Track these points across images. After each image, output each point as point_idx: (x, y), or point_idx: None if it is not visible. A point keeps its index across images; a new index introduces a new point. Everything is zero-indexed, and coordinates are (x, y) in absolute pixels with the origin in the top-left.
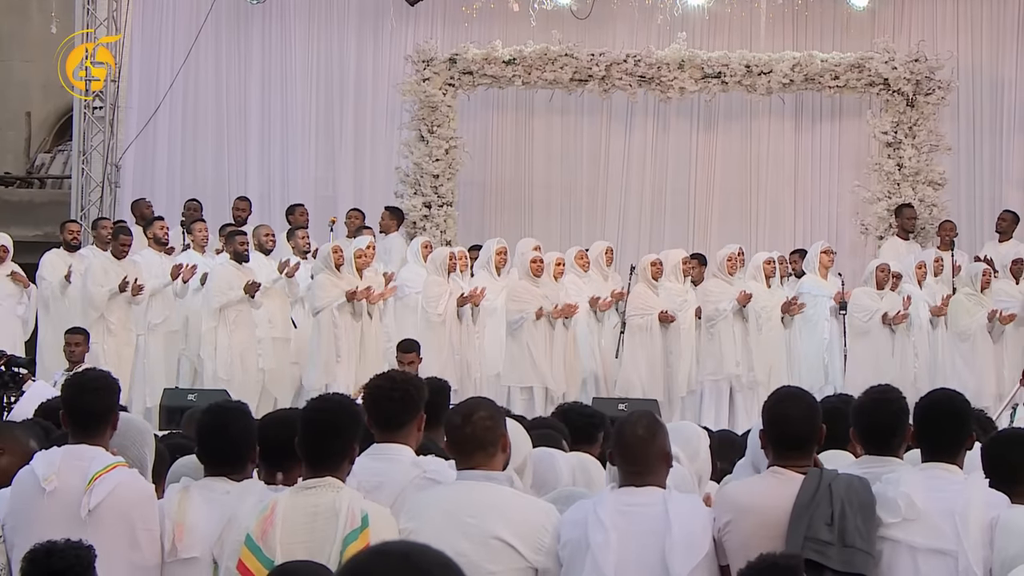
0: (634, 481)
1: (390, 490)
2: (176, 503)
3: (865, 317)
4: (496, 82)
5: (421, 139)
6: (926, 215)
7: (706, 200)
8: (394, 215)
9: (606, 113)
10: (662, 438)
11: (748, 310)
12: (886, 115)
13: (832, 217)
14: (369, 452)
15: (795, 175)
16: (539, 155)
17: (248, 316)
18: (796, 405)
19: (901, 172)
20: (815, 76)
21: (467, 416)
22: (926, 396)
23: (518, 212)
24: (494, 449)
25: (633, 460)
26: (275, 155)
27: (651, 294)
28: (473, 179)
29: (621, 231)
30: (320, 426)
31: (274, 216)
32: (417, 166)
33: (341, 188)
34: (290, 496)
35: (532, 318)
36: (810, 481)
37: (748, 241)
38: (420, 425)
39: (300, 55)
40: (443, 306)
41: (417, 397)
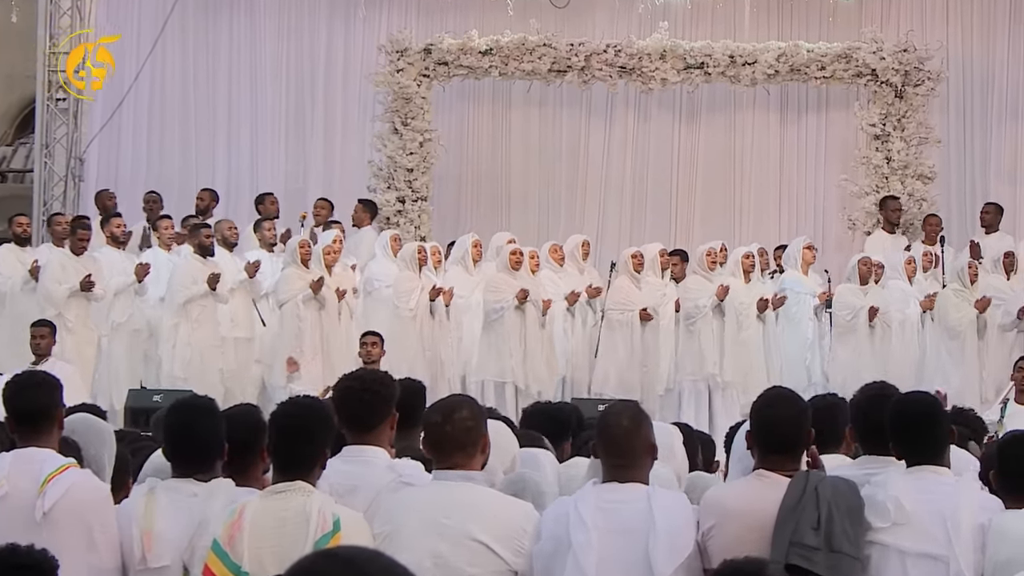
0: (617, 475)
1: (364, 494)
2: (142, 508)
3: (848, 315)
4: (472, 73)
5: (395, 132)
6: (915, 209)
7: (688, 195)
8: (367, 208)
9: (585, 105)
10: (647, 430)
11: (726, 306)
12: (874, 107)
13: (818, 212)
14: (342, 455)
15: (780, 169)
16: (516, 148)
17: (212, 313)
18: (785, 407)
19: (889, 165)
20: (801, 67)
21: (448, 414)
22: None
23: (495, 207)
24: (473, 450)
25: (618, 452)
26: (244, 148)
27: (633, 288)
28: (448, 173)
29: (601, 227)
30: (291, 430)
31: (242, 211)
32: (390, 160)
33: (311, 182)
34: (259, 500)
35: (513, 305)
36: (796, 484)
37: (732, 237)
38: (392, 424)
39: (270, 44)
40: (414, 301)
41: (388, 396)
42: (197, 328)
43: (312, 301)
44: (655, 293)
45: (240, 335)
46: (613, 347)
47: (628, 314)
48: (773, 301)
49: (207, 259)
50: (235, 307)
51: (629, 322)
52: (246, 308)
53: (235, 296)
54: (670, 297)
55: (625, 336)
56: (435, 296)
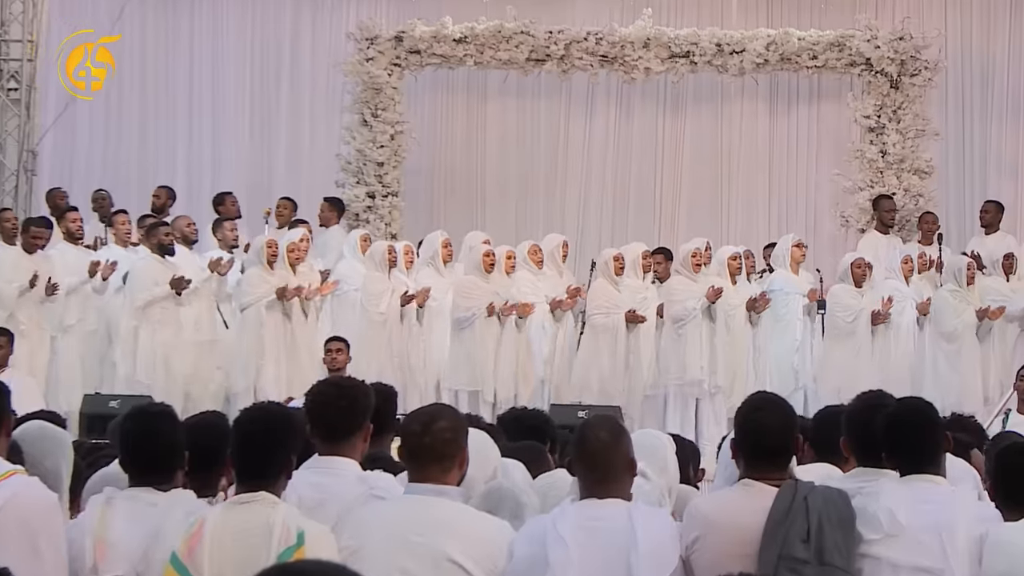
0: (596, 492)
1: (333, 507)
2: (97, 517)
3: (849, 316)
4: (446, 62)
5: (364, 124)
6: (911, 206)
7: (673, 190)
8: (334, 206)
9: (565, 96)
10: (626, 444)
11: (716, 309)
12: (868, 98)
13: (810, 208)
14: (310, 465)
15: (770, 163)
16: (492, 142)
17: (174, 316)
18: (772, 414)
19: (885, 160)
20: (791, 55)
21: (427, 424)
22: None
23: (469, 203)
24: (450, 464)
25: (595, 467)
26: (205, 142)
27: (614, 291)
28: (420, 167)
29: (581, 224)
30: (255, 437)
31: (203, 208)
32: (360, 153)
33: (276, 177)
34: (220, 512)
35: (483, 314)
36: (784, 494)
37: (718, 235)
38: (367, 436)
39: (232, 32)
40: (385, 304)
41: (365, 405)
42: (158, 331)
43: (276, 304)
44: (635, 296)
45: (203, 338)
46: (595, 352)
47: (612, 317)
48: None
49: (166, 259)
50: (198, 309)
51: (613, 326)
52: (209, 310)
53: (198, 298)
54: (652, 299)
55: (608, 341)
56: (407, 302)
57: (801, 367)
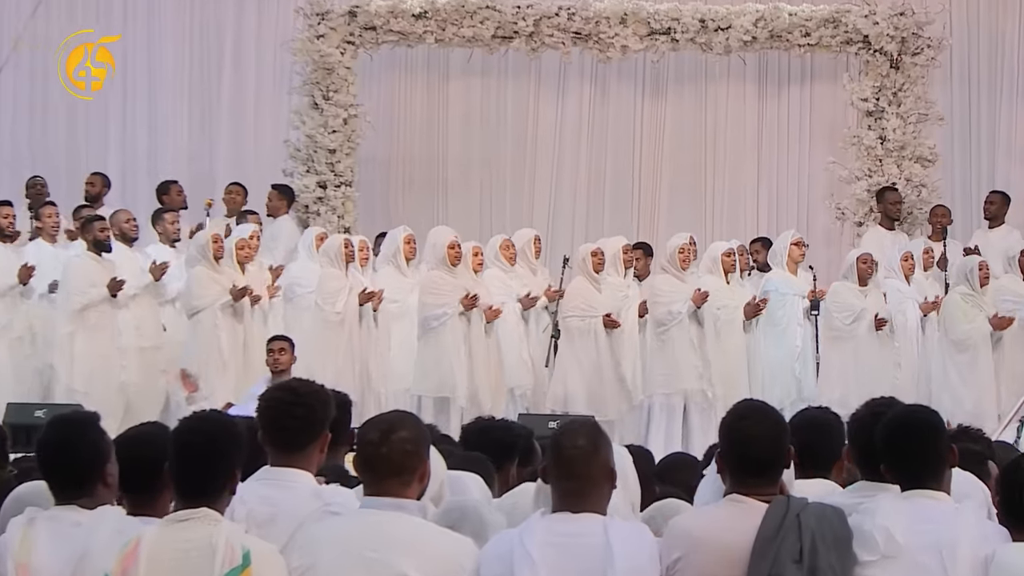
0: (570, 504)
1: (285, 524)
2: (19, 540)
3: (848, 318)
4: (404, 39)
5: (315, 107)
6: (913, 197)
7: (653, 180)
8: (283, 194)
9: (534, 77)
10: (606, 452)
11: (703, 312)
12: (866, 79)
13: (802, 200)
14: (260, 477)
15: (758, 151)
16: (455, 127)
17: (111, 320)
18: (759, 423)
19: (884, 146)
20: (782, 32)
21: (386, 433)
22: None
23: (430, 194)
24: (410, 477)
25: (570, 476)
26: (140, 127)
27: (592, 290)
28: (376, 155)
29: (552, 217)
30: (196, 449)
31: (139, 199)
32: (310, 139)
33: (219, 165)
34: (158, 530)
35: (457, 311)
36: (775, 511)
37: (703, 229)
38: (323, 447)
39: (169, 7)
40: (341, 303)
41: (323, 414)
42: (95, 337)
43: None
44: (615, 294)
45: (145, 344)
46: (572, 358)
47: (590, 320)
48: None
49: (103, 256)
50: (139, 313)
51: (591, 329)
52: (151, 314)
53: (138, 300)
54: (633, 299)
55: (587, 346)
56: (364, 301)
57: (803, 374)
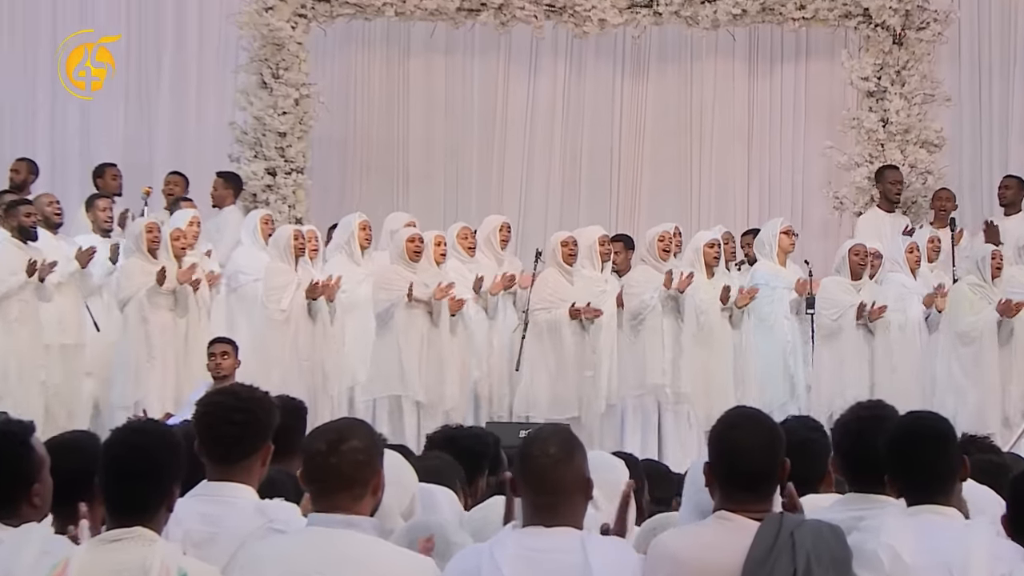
0: (543, 518)
1: (227, 544)
2: None
3: (834, 314)
4: (361, 12)
5: (263, 86)
6: (919, 184)
7: (634, 167)
8: (229, 183)
9: (504, 53)
10: (580, 460)
11: (683, 301)
12: (867, 56)
13: (797, 188)
14: (198, 493)
15: (749, 134)
16: (417, 108)
17: (33, 314)
18: (751, 433)
19: (886, 130)
20: (774, 5)
21: (335, 443)
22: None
23: (389, 181)
24: (362, 490)
25: (542, 488)
26: (71, 109)
27: (564, 282)
28: (331, 137)
29: (523, 207)
30: (129, 463)
31: (70, 187)
32: (258, 121)
33: (158, 150)
34: (88, 551)
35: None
36: (767, 529)
37: (688, 219)
38: (266, 459)
39: None
40: (288, 300)
41: (265, 421)
42: (14, 333)
43: (160, 298)
44: (592, 289)
45: (68, 341)
46: (541, 356)
47: (554, 312)
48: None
49: (28, 244)
50: (62, 306)
51: (556, 323)
52: (75, 307)
53: (62, 292)
54: (611, 293)
55: (557, 342)
56: (314, 295)
57: (797, 372)
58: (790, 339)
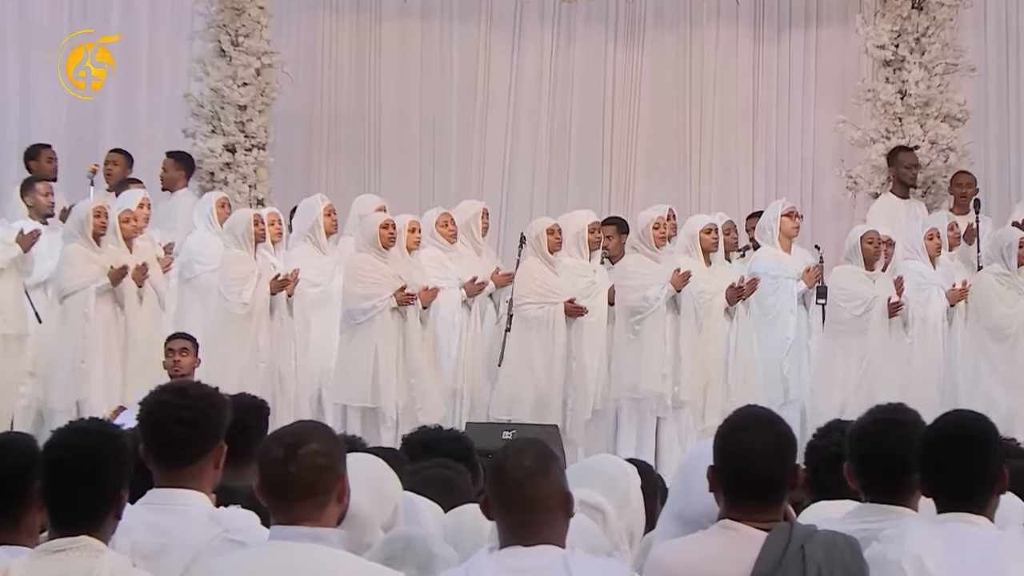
0: (521, 536)
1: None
2: None
3: (858, 307)
4: None
5: (221, 55)
6: (939, 163)
7: (627, 144)
8: (181, 164)
9: (485, 18)
10: (558, 474)
11: (682, 298)
12: (883, 22)
13: (807, 167)
14: (147, 501)
15: (754, 108)
16: (390, 78)
17: None
18: (761, 435)
19: (904, 102)
20: None
21: (292, 449)
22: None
23: (360, 160)
24: (326, 498)
25: (516, 505)
26: (11, 81)
27: (549, 273)
28: (296, 112)
29: (506, 188)
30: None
31: (7, 168)
32: (215, 93)
33: (105, 126)
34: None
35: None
36: (776, 540)
37: (687, 202)
38: (218, 461)
39: None
40: (249, 292)
41: (216, 420)
42: None
43: (108, 293)
44: (578, 280)
45: (9, 331)
46: (525, 354)
47: (548, 308)
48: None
49: None
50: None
51: (549, 319)
52: (15, 296)
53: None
54: (602, 284)
55: (543, 338)
56: (276, 289)
57: (793, 375)
58: (790, 336)
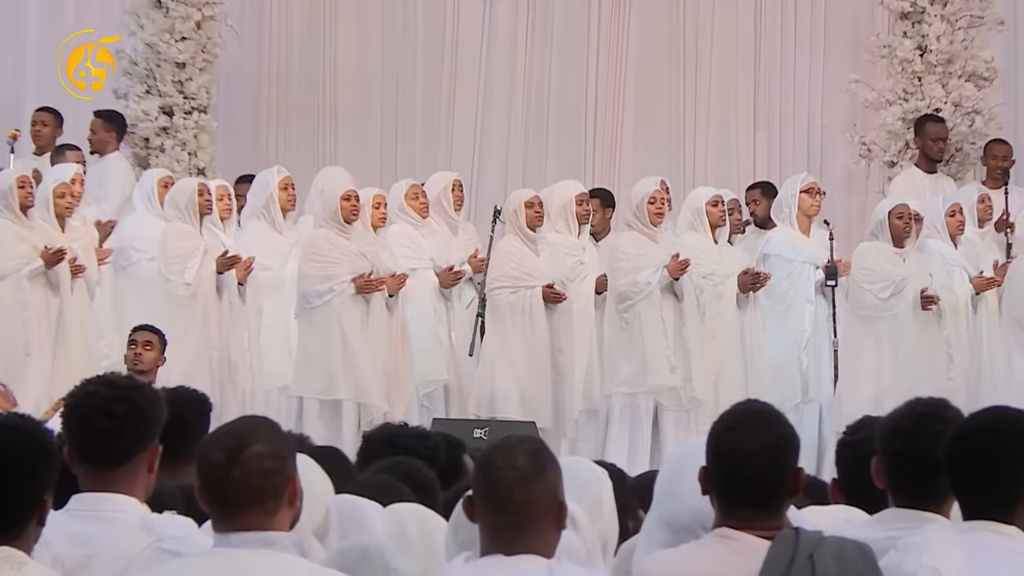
0: (505, 544)
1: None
2: None
3: (885, 290)
4: None
5: (157, 6)
6: (964, 128)
7: (614, 106)
8: (111, 124)
9: None
10: (553, 478)
11: (682, 284)
12: None
13: (814, 132)
14: (71, 507)
15: (755, 67)
16: (347, 34)
17: None
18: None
19: (924, 60)
20: None
21: (234, 452)
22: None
23: (314, 126)
24: (276, 504)
25: (504, 506)
26: None
27: (527, 252)
28: (242, 71)
29: (478, 157)
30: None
31: None
32: (151, 48)
33: (27, 87)
34: None
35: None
36: (780, 550)
37: (680, 173)
38: (152, 463)
39: None
40: (193, 272)
41: (150, 417)
42: None
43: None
44: (564, 260)
45: None
46: (501, 345)
47: (523, 293)
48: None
49: None
50: None
51: (525, 305)
52: None
53: None
54: (590, 265)
55: (522, 327)
56: (226, 266)
57: (812, 370)
58: (808, 328)
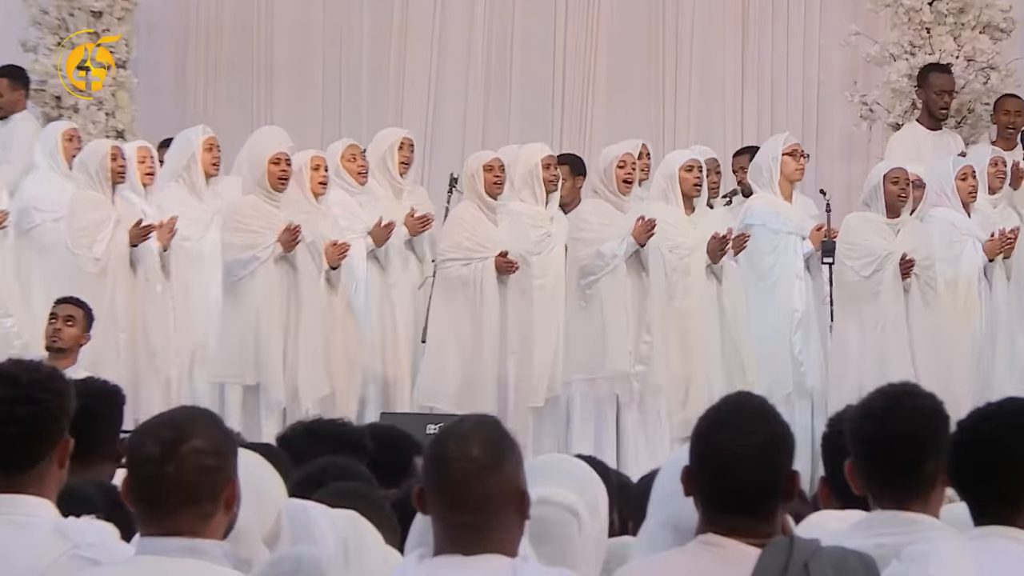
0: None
1: None
2: None
3: (866, 266)
4: None
5: None
6: (978, 85)
7: (585, 61)
8: (16, 82)
9: None
10: (513, 466)
11: (648, 254)
12: None
13: (810, 90)
14: None
15: (743, 19)
16: None
17: None
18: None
19: (934, 9)
20: None
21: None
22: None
23: (247, 82)
24: (212, 506)
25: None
26: None
27: (484, 221)
28: (164, 21)
29: (431, 117)
30: None
31: None
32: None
33: None
34: None
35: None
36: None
37: (659, 136)
38: (63, 459)
39: None
40: (103, 245)
41: (58, 413)
42: None
43: None
44: (529, 231)
45: None
46: (452, 325)
47: (475, 265)
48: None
49: None
50: None
51: (476, 279)
52: None
53: None
54: (558, 237)
55: (474, 303)
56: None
57: (806, 354)
58: (799, 308)
